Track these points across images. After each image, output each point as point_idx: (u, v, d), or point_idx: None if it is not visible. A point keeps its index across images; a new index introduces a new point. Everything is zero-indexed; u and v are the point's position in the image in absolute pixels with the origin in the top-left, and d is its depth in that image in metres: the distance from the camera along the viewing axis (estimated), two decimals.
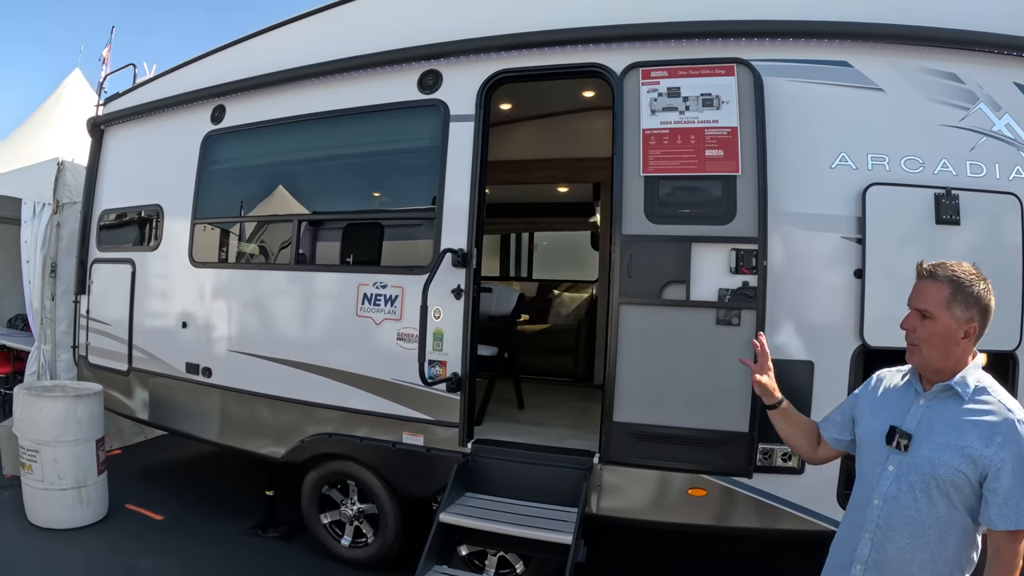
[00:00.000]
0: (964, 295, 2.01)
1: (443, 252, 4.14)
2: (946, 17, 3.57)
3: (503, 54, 4.22)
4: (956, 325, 2.02)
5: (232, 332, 5.18)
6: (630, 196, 3.79)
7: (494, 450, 4.18)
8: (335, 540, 4.75)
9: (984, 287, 2.03)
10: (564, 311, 7.92)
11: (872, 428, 2.20)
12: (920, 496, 2.03)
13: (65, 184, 6.74)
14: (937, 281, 2.06)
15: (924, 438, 2.05)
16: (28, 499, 5.28)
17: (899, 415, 2.14)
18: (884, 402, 2.23)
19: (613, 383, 3.76)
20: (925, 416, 2.09)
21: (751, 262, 3.59)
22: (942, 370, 2.08)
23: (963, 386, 2.04)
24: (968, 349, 2.07)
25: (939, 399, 2.08)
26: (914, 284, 2.14)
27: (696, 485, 3.74)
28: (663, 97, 3.80)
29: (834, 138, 3.64)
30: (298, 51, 4.90)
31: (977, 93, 3.58)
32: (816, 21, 3.68)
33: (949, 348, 2.04)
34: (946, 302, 2.02)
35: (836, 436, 2.43)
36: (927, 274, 2.10)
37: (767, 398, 2.57)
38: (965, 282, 2.02)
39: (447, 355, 4.20)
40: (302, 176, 5.24)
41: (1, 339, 8.71)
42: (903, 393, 2.20)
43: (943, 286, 2.04)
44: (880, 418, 2.19)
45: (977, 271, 2.07)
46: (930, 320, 2.05)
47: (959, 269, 2.06)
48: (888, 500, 2.09)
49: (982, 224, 3.51)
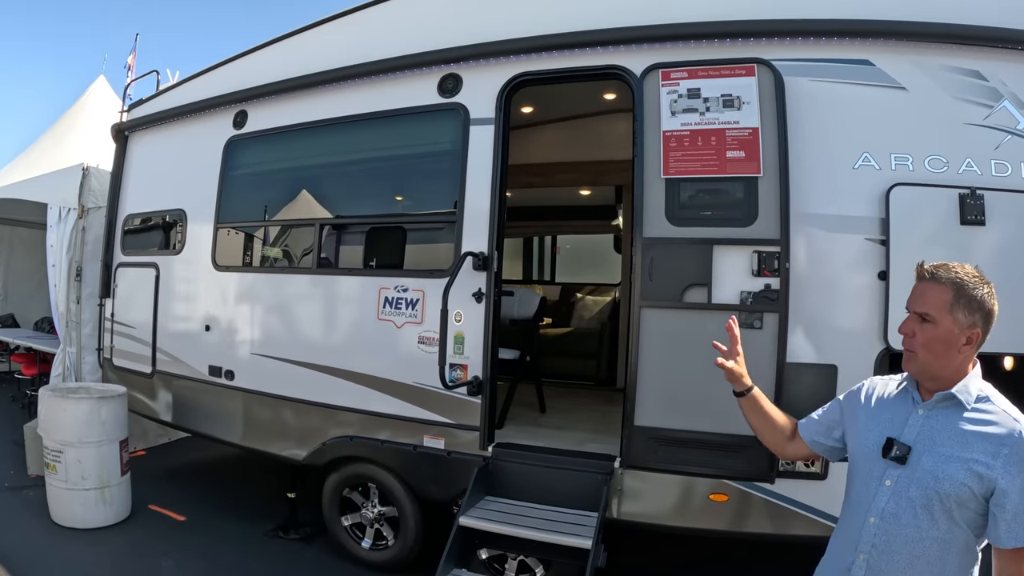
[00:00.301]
0: (967, 299, 1.90)
1: (463, 255, 4.15)
2: (968, 14, 3.51)
3: (522, 57, 4.22)
4: (958, 330, 1.90)
5: (254, 335, 5.22)
6: (651, 198, 3.77)
7: (515, 454, 4.17)
8: (355, 542, 4.76)
9: (988, 291, 1.92)
10: (587, 314, 7.91)
11: (865, 441, 2.07)
12: (921, 513, 1.91)
13: (90, 189, 6.86)
14: (939, 283, 1.94)
15: (925, 450, 1.93)
16: (52, 499, 5.34)
17: (896, 426, 2.01)
18: (878, 413, 2.10)
19: (634, 387, 3.74)
20: (925, 427, 1.96)
21: (773, 264, 3.56)
22: (940, 378, 1.96)
23: (966, 394, 1.93)
24: (969, 357, 1.96)
25: (940, 409, 1.96)
26: (913, 286, 2.03)
27: (718, 490, 3.70)
28: (683, 98, 3.78)
29: (856, 138, 3.58)
30: (318, 56, 4.94)
31: (1001, 91, 3.51)
32: (837, 20, 3.62)
33: (949, 355, 1.93)
34: (948, 306, 1.91)
35: (815, 439, 2.32)
36: (928, 276, 1.98)
37: (736, 385, 2.45)
38: (969, 285, 1.91)
39: (468, 358, 4.20)
40: (323, 180, 5.28)
41: (27, 341, 8.91)
42: (899, 403, 2.07)
43: (945, 289, 1.92)
44: (874, 430, 2.06)
45: (980, 274, 1.95)
46: (930, 324, 1.93)
47: (962, 271, 1.94)
48: (885, 517, 1.96)
49: (1008, 224, 3.44)
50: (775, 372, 3.50)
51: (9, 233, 11.37)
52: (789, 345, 3.53)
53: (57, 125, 9.83)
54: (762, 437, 2.47)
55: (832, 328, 3.59)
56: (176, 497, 5.95)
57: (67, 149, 8.66)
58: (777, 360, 3.51)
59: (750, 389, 2.43)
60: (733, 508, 3.71)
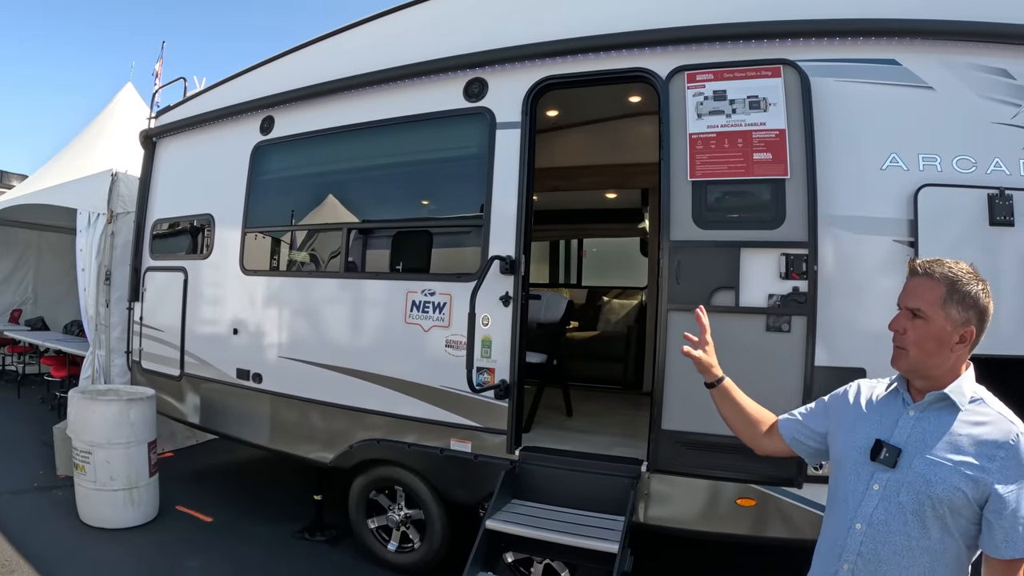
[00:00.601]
0: (961, 295, 1.83)
1: (491, 259, 4.15)
2: (995, 11, 3.46)
3: (547, 61, 4.22)
4: (951, 327, 1.83)
5: (282, 339, 5.27)
6: (678, 201, 3.76)
7: (541, 457, 4.17)
8: (382, 545, 4.78)
9: (982, 288, 1.85)
10: (613, 318, 7.90)
11: (852, 443, 1.97)
12: (911, 520, 1.81)
13: (119, 195, 6.98)
14: (932, 279, 1.87)
15: (916, 453, 1.84)
16: (80, 499, 5.41)
17: (885, 428, 1.93)
18: (867, 415, 2.00)
19: (661, 390, 3.73)
20: (916, 428, 1.87)
21: (801, 267, 3.53)
22: (932, 377, 1.88)
23: (959, 395, 1.84)
24: (963, 357, 1.88)
25: (932, 410, 1.88)
26: (905, 282, 1.96)
27: (745, 495, 3.68)
28: (709, 100, 3.76)
29: (884, 139, 3.54)
30: (343, 62, 4.98)
31: None
32: (863, 19, 3.59)
33: (941, 353, 1.85)
34: (941, 301, 1.83)
35: (796, 437, 2.21)
36: (921, 271, 1.91)
37: (706, 375, 2.37)
38: (962, 281, 1.84)
39: (495, 362, 4.21)
40: (350, 185, 5.33)
41: (57, 344, 9.02)
42: (888, 404, 1.98)
43: (938, 284, 1.85)
44: (862, 432, 1.96)
45: (975, 271, 1.88)
46: (922, 320, 1.86)
47: (956, 267, 1.87)
48: (873, 524, 1.86)
49: None
50: (803, 376, 3.47)
51: (38, 238, 11.61)
52: (817, 349, 3.49)
53: (86, 131, 9.97)
54: (735, 430, 2.38)
55: (860, 331, 3.53)
56: (203, 498, 6.02)
57: (96, 155, 8.76)
58: (805, 364, 3.48)
59: (721, 380, 2.37)
60: (760, 513, 3.68)
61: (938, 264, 1.89)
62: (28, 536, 5.03)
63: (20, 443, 7.56)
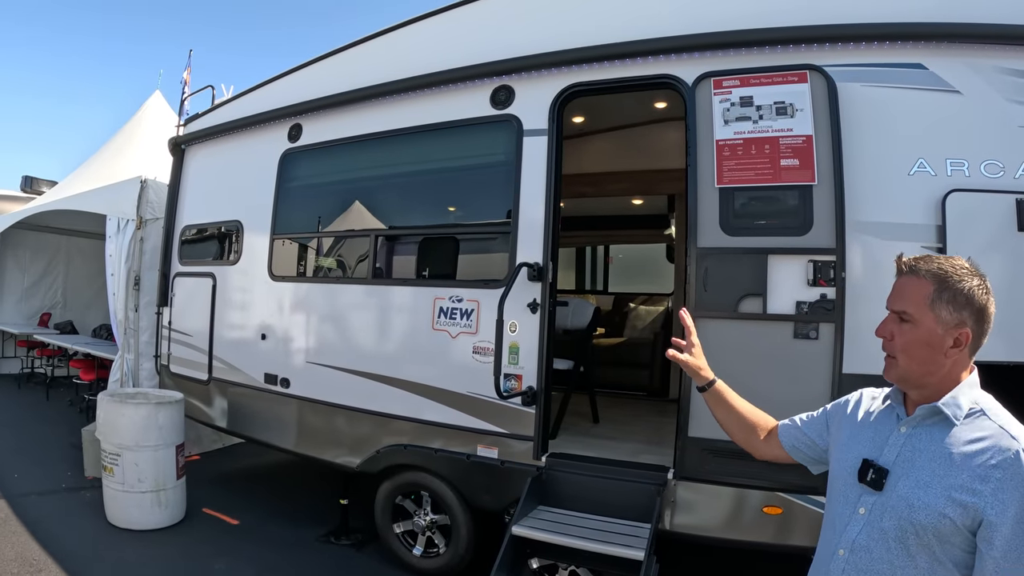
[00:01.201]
0: (952, 293, 1.63)
1: (519, 266, 4.17)
2: (1022, 13, 3.40)
3: (574, 68, 4.23)
4: (942, 330, 1.63)
5: (310, 344, 5.31)
6: (705, 208, 3.75)
7: (568, 464, 4.17)
8: (407, 550, 4.80)
9: (978, 284, 1.64)
10: (640, 324, 7.88)
11: (844, 462, 1.81)
12: (895, 547, 1.64)
13: (148, 201, 7.09)
14: (918, 277, 1.68)
15: (903, 474, 1.66)
16: (108, 500, 5.48)
17: (876, 446, 1.75)
18: (861, 430, 1.83)
19: (688, 398, 3.72)
20: (907, 447, 1.69)
21: (829, 274, 3.51)
22: (925, 387, 1.70)
23: (954, 408, 1.64)
24: (961, 363, 1.68)
25: (924, 426, 1.69)
26: (893, 283, 1.77)
27: (772, 503, 3.65)
28: (736, 107, 3.76)
29: (911, 144, 3.50)
30: (371, 70, 5.03)
31: None
32: (888, 23, 3.56)
33: (934, 359, 1.66)
34: (929, 301, 1.64)
35: (796, 446, 2.06)
36: (907, 269, 1.72)
37: (696, 379, 2.22)
38: (953, 277, 1.64)
39: (523, 368, 4.21)
40: (378, 192, 5.37)
41: (86, 348, 9.19)
42: (883, 420, 1.80)
43: (925, 283, 1.66)
44: (854, 450, 1.80)
45: (972, 266, 1.68)
46: (909, 324, 1.68)
47: (947, 263, 1.67)
48: (856, 551, 1.70)
49: None
50: (831, 383, 3.45)
51: (67, 243, 11.81)
52: (845, 356, 3.47)
53: (115, 138, 10.15)
54: (730, 433, 2.23)
55: None
56: (230, 501, 6.07)
57: (125, 162, 8.93)
58: (833, 371, 3.46)
59: (712, 383, 2.21)
60: (787, 521, 3.64)
61: (926, 260, 1.70)
62: (56, 536, 5.10)
63: (49, 445, 7.67)
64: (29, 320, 11.59)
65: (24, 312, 11.71)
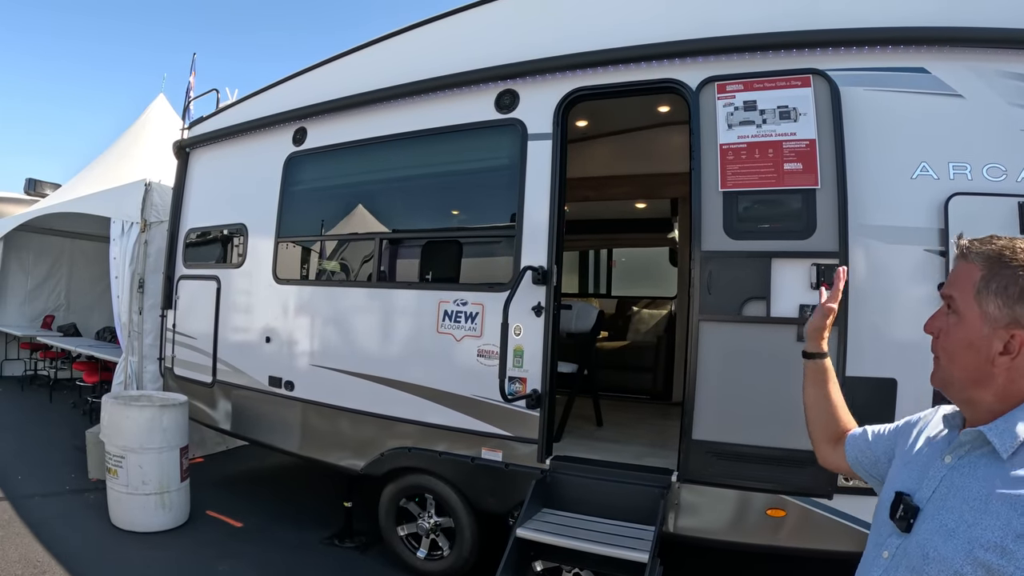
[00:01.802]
0: (1004, 281, 1.25)
1: (523, 270, 4.18)
2: None
3: (578, 72, 4.25)
4: (988, 329, 1.26)
5: (314, 347, 5.33)
6: (709, 212, 3.77)
7: (572, 467, 4.18)
8: (411, 552, 4.81)
9: None
10: (643, 328, 7.90)
11: (887, 490, 1.48)
12: None
13: (152, 204, 7.12)
14: (969, 261, 1.33)
15: (931, 515, 1.31)
16: (112, 502, 5.49)
17: (918, 477, 1.40)
18: (915, 457, 1.47)
19: (692, 400, 3.74)
20: (946, 481, 1.32)
21: (832, 277, 3.52)
22: (975, 403, 1.32)
23: (1003, 436, 1.24)
24: (1019, 374, 1.26)
25: (971, 458, 1.30)
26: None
27: (775, 505, 3.66)
28: (739, 111, 3.78)
29: (914, 147, 3.52)
30: (376, 74, 5.05)
31: None
32: (891, 27, 3.58)
33: (978, 366, 1.28)
34: (976, 290, 1.28)
35: (857, 458, 1.72)
36: (961, 252, 1.37)
37: (811, 343, 1.89)
38: (1010, 262, 1.25)
39: (527, 372, 4.23)
40: (382, 196, 5.39)
41: (89, 350, 9.21)
42: (937, 445, 1.43)
43: (975, 267, 1.30)
44: (898, 478, 1.46)
45: None
46: (955, 316, 1.33)
47: (1009, 243, 1.28)
48: None
49: None
50: None
51: (71, 245, 11.84)
52: (848, 358, 3.48)
53: (119, 142, 10.19)
54: (811, 420, 1.90)
55: (892, 341, 3.53)
56: (233, 504, 6.09)
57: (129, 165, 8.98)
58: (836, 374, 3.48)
59: (824, 355, 1.88)
60: (791, 524, 3.66)
61: (983, 241, 1.33)
62: (60, 538, 5.12)
63: (52, 446, 7.69)
64: (32, 322, 11.62)
65: (28, 314, 11.73)
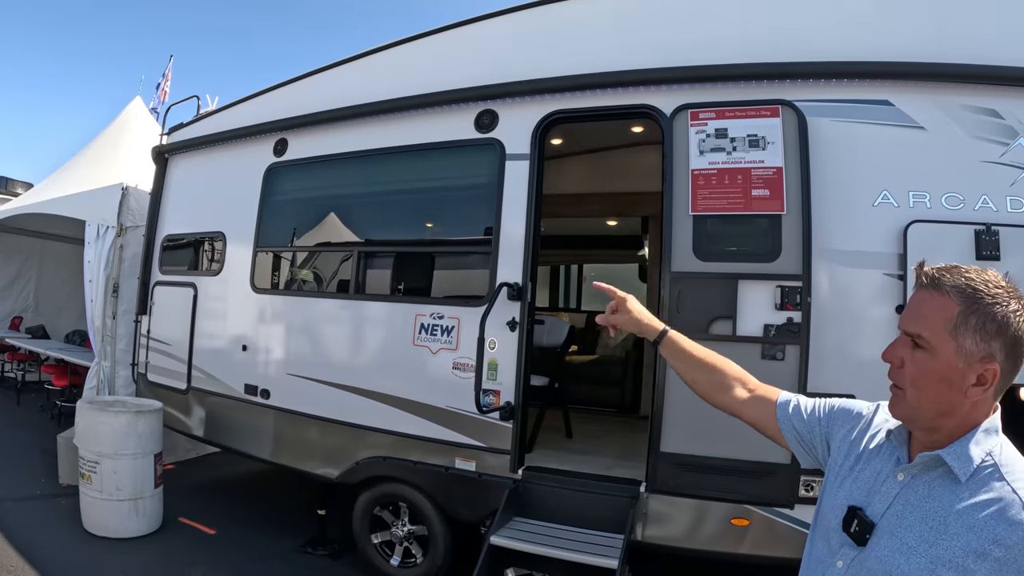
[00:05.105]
0: (981, 318, 1.28)
1: (500, 286, 4.30)
2: (987, 53, 3.62)
3: (557, 95, 4.39)
4: (963, 363, 1.29)
5: (291, 357, 5.38)
6: (679, 234, 3.93)
7: (544, 477, 4.31)
8: (384, 560, 4.88)
9: (1017, 309, 1.29)
10: (611, 343, 8.01)
11: (835, 499, 1.50)
12: None
13: (129, 208, 7.08)
14: (941, 293, 1.33)
15: (888, 531, 1.36)
16: (85, 508, 5.47)
17: (868, 492, 1.44)
18: (863, 466, 1.49)
19: (660, 414, 3.88)
20: (900, 499, 1.38)
21: (795, 299, 3.70)
22: (937, 430, 1.36)
23: (961, 461, 1.31)
24: (982, 404, 1.33)
25: (923, 478, 1.37)
26: (910, 297, 1.42)
27: (739, 515, 3.82)
28: (711, 138, 3.94)
29: (876, 176, 3.71)
30: (359, 88, 5.14)
31: (1017, 128, 3.61)
32: (858, 62, 3.77)
33: (950, 397, 1.32)
34: (951, 326, 1.30)
35: (790, 430, 1.70)
36: (928, 281, 1.36)
37: (647, 335, 1.94)
38: (985, 299, 1.29)
39: (501, 384, 4.34)
40: (362, 209, 5.48)
41: (60, 353, 9.08)
42: (885, 458, 1.46)
43: (950, 302, 1.31)
44: (846, 488, 1.49)
45: (1010, 285, 1.32)
46: (924, 353, 1.33)
47: (978, 278, 1.32)
48: None
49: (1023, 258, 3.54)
50: None
51: (41, 247, 11.67)
52: (809, 376, 3.66)
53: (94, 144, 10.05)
54: (696, 386, 1.90)
55: (852, 359, 3.71)
56: (206, 511, 6.08)
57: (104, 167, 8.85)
58: (798, 390, 3.63)
59: (664, 332, 1.92)
60: (754, 532, 3.82)
61: (953, 272, 1.34)
62: (32, 543, 5.08)
63: (21, 450, 7.60)
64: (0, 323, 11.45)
65: None
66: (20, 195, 11.66)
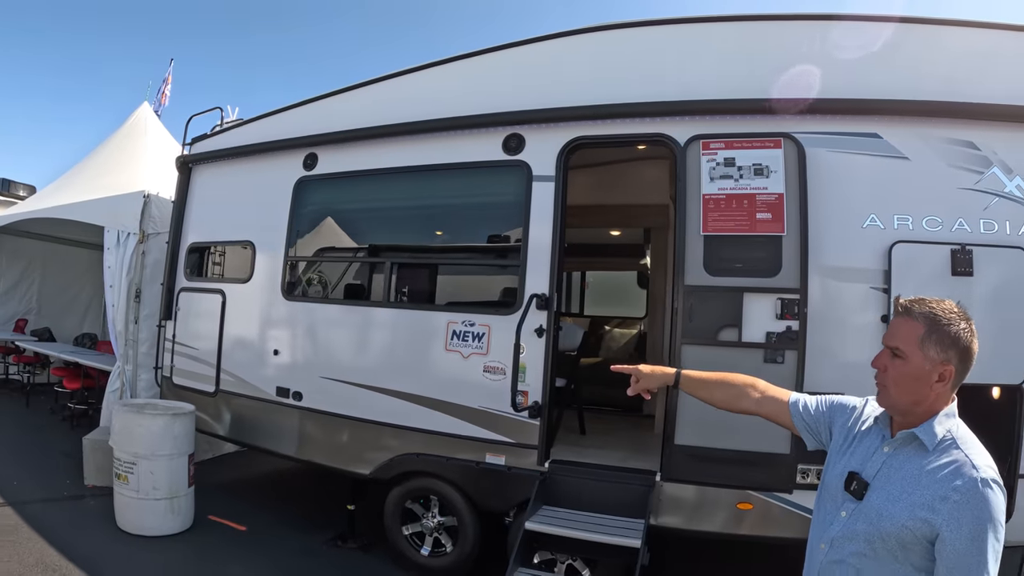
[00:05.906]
0: (940, 334, 1.82)
1: (530, 298, 4.68)
2: (966, 90, 4.04)
3: (581, 123, 4.77)
4: (929, 366, 1.83)
5: (324, 360, 5.63)
6: (691, 251, 4.36)
7: (568, 469, 4.70)
8: (415, 550, 5.20)
9: (965, 327, 1.83)
10: (615, 345, 8.33)
11: (837, 469, 2.05)
12: (864, 547, 1.90)
13: (150, 216, 7.28)
14: (912, 319, 1.87)
15: (878, 487, 1.90)
16: (121, 507, 5.66)
17: (862, 460, 1.99)
18: (854, 444, 2.06)
19: (675, 412, 4.31)
20: (886, 465, 1.92)
21: (794, 309, 4.16)
22: (911, 414, 1.91)
23: (929, 435, 1.85)
24: (943, 395, 1.88)
25: (903, 450, 1.91)
26: (890, 321, 1.99)
27: (744, 500, 4.24)
28: (720, 166, 4.39)
29: (865, 201, 4.16)
30: (388, 108, 5.44)
31: (991, 159, 4.06)
32: (852, 99, 4.20)
33: (920, 391, 1.86)
34: (919, 341, 1.84)
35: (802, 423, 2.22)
36: (903, 310, 1.92)
37: (668, 382, 2.47)
38: (943, 320, 1.83)
39: (529, 386, 4.70)
40: (392, 223, 5.81)
41: (73, 357, 9.16)
42: (873, 437, 2.02)
43: (917, 324, 1.86)
44: (844, 462, 2.04)
45: (961, 310, 1.87)
46: (901, 360, 1.88)
47: (938, 307, 1.86)
48: (834, 546, 1.97)
49: (993, 274, 4.00)
50: None
51: (44, 249, 11.72)
52: (806, 377, 4.12)
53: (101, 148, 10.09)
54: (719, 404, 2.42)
55: (842, 363, 4.14)
56: (233, 508, 6.27)
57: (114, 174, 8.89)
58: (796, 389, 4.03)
59: (678, 375, 2.45)
60: (757, 515, 4.24)
61: (920, 303, 1.89)
62: (71, 542, 5.23)
63: (38, 453, 7.70)
64: (4, 325, 11.47)
65: None
66: (23, 198, 11.69)
